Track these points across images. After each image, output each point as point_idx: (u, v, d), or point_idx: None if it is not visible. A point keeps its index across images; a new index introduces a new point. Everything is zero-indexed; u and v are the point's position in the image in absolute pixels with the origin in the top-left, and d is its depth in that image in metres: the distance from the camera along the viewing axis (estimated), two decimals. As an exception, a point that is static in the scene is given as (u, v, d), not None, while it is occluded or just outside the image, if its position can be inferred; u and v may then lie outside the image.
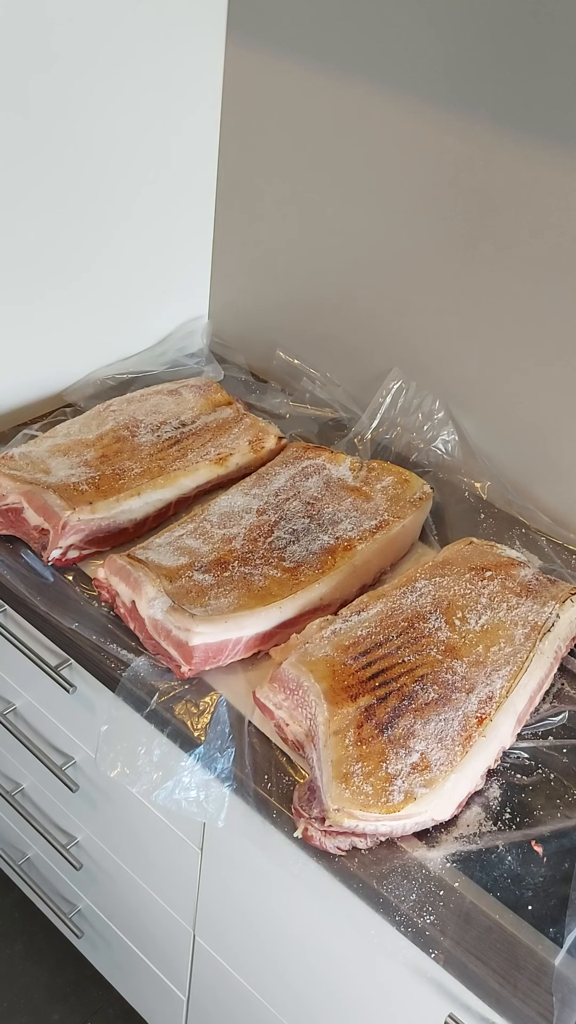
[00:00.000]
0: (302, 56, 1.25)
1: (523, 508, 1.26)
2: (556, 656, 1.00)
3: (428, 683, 0.92)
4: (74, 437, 1.21)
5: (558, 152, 1.06)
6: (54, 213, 1.24)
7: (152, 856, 1.17)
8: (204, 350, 1.54)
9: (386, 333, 1.35)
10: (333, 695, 0.90)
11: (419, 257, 1.26)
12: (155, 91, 1.27)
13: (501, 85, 1.07)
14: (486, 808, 0.88)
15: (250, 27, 1.29)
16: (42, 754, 1.21)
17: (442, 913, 0.79)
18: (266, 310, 1.50)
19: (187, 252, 1.49)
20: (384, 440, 1.35)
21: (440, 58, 1.11)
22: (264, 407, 1.41)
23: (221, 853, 1.03)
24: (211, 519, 1.10)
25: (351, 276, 1.35)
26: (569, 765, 0.93)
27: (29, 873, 1.48)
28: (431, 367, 1.32)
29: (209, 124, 1.39)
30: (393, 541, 1.11)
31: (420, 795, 0.82)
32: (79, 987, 1.56)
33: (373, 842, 0.83)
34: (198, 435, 1.25)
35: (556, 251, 1.11)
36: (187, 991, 1.27)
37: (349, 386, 1.43)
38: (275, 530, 1.08)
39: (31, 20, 1.09)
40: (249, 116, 1.36)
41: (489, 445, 1.30)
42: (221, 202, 1.47)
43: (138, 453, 1.19)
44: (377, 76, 1.18)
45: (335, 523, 1.10)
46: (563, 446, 1.22)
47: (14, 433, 1.28)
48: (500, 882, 0.82)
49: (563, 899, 0.81)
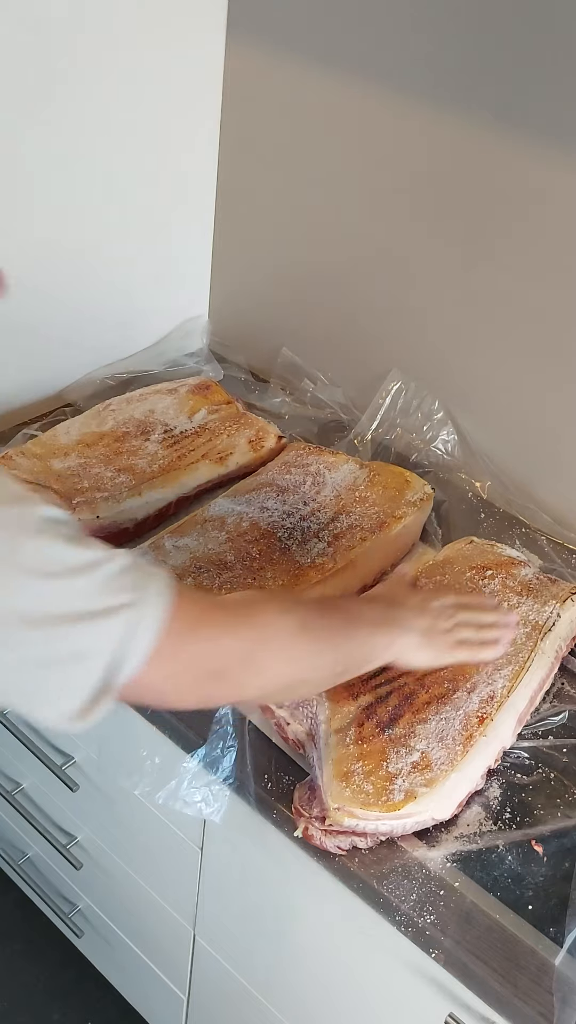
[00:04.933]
0: (302, 56, 1.25)
1: (523, 507, 1.26)
2: (557, 655, 1.00)
3: (429, 682, 0.92)
4: (74, 437, 1.21)
5: (559, 152, 1.06)
6: (55, 212, 1.24)
7: (152, 856, 1.17)
8: (204, 349, 1.54)
9: (386, 333, 1.35)
10: (334, 693, 0.90)
11: (419, 257, 1.26)
12: (155, 91, 1.27)
13: (502, 85, 1.07)
14: (486, 807, 0.88)
15: (250, 27, 1.29)
16: (42, 754, 1.20)
17: (442, 913, 0.79)
18: (266, 309, 1.50)
19: (187, 252, 1.49)
20: (384, 441, 1.35)
21: (440, 58, 1.11)
22: (264, 407, 1.41)
23: (221, 853, 1.03)
24: (211, 520, 1.10)
25: (351, 276, 1.35)
26: (569, 765, 0.93)
27: (29, 873, 1.48)
28: (431, 367, 1.31)
29: (209, 124, 1.39)
30: (394, 541, 1.11)
31: (421, 794, 0.82)
32: (79, 987, 1.56)
33: (373, 841, 0.83)
34: (198, 434, 1.25)
35: (556, 251, 1.11)
36: (187, 991, 1.27)
37: (349, 386, 1.42)
38: (275, 531, 1.08)
39: (30, 20, 1.09)
40: (249, 116, 1.36)
41: (489, 445, 1.30)
42: (221, 202, 1.47)
43: (138, 453, 1.19)
44: (377, 76, 1.18)
45: (335, 524, 1.10)
46: (563, 445, 1.22)
47: (14, 433, 1.28)
48: (500, 882, 0.82)
49: (563, 899, 0.81)
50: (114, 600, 0.60)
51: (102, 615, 0.59)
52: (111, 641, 0.60)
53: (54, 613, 0.58)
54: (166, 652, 0.62)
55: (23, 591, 0.57)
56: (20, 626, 0.57)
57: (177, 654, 0.63)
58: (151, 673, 0.62)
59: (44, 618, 0.58)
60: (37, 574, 0.58)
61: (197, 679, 0.67)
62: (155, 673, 0.62)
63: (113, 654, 0.60)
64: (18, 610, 0.57)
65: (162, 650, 0.61)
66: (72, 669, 0.59)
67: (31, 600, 0.57)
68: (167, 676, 0.64)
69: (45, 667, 0.59)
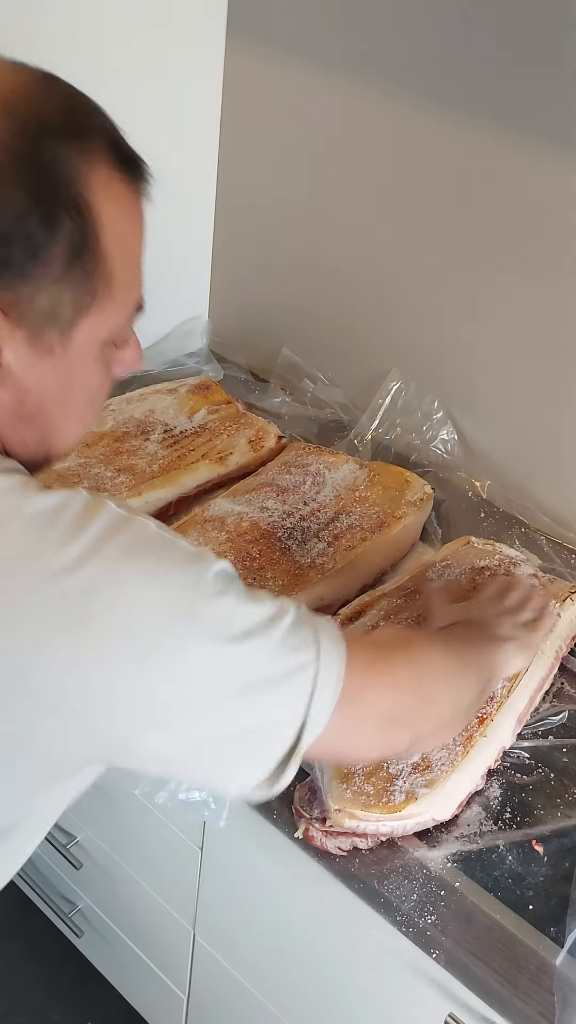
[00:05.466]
0: (302, 56, 1.25)
1: (523, 507, 1.26)
2: (556, 655, 1.00)
3: (429, 683, 0.92)
4: (74, 437, 1.21)
5: (559, 152, 1.05)
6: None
7: (152, 855, 1.17)
8: (204, 349, 1.53)
9: (385, 333, 1.35)
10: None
11: (419, 257, 1.26)
12: (155, 91, 1.27)
13: (502, 85, 1.07)
14: (486, 808, 0.88)
15: (250, 27, 1.29)
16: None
17: (443, 913, 0.79)
18: (266, 309, 1.50)
19: (187, 251, 1.49)
20: (384, 440, 1.35)
21: (440, 58, 1.11)
22: (264, 407, 1.41)
23: (221, 853, 1.03)
24: (211, 520, 1.10)
25: (350, 276, 1.35)
26: (569, 765, 0.93)
27: (29, 873, 1.48)
28: (431, 367, 1.31)
29: (209, 124, 1.39)
30: (394, 541, 1.11)
31: (421, 795, 0.82)
32: (79, 986, 1.56)
33: (374, 842, 0.83)
34: (198, 434, 1.24)
35: (556, 251, 1.11)
36: (187, 991, 1.27)
37: (349, 386, 1.42)
38: (275, 531, 1.08)
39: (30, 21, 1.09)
40: (249, 116, 1.36)
41: (489, 444, 1.30)
42: (221, 202, 1.47)
43: (138, 452, 1.19)
44: (377, 76, 1.18)
45: (335, 524, 1.10)
46: (563, 445, 1.22)
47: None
48: (501, 882, 0.82)
49: (564, 899, 0.81)
50: (297, 659, 0.58)
51: (289, 676, 0.57)
52: (302, 703, 0.58)
53: (245, 681, 0.56)
54: (347, 705, 0.60)
55: (211, 659, 0.55)
56: (212, 699, 0.55)
57: (356, 704, 0.62)
58: (335, 728, 0.60)
59: (236, 688, 0.55)
60: (223, 639, 0.55)
61: (378, 726, 0.66)
62: (339, 727, 0.60)
63: (304, 716, 0.58)
64: (209, 682, 0.55)
65: (344, 703, 0.60)
66: (264, 738, 0.58)
67: (221, 670, 0.55)
68: (351, 729, 0.63)
69: (237, 740, 0.57)
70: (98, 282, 0.58)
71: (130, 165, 0.61)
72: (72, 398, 0.63)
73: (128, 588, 0.54)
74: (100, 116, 0.61)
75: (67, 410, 0.63)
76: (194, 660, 0.54)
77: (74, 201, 0.55)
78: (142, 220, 0.63)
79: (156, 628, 0.54)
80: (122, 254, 0.59)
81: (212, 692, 0.55)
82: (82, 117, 0.59)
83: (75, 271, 0.56)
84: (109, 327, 0.61)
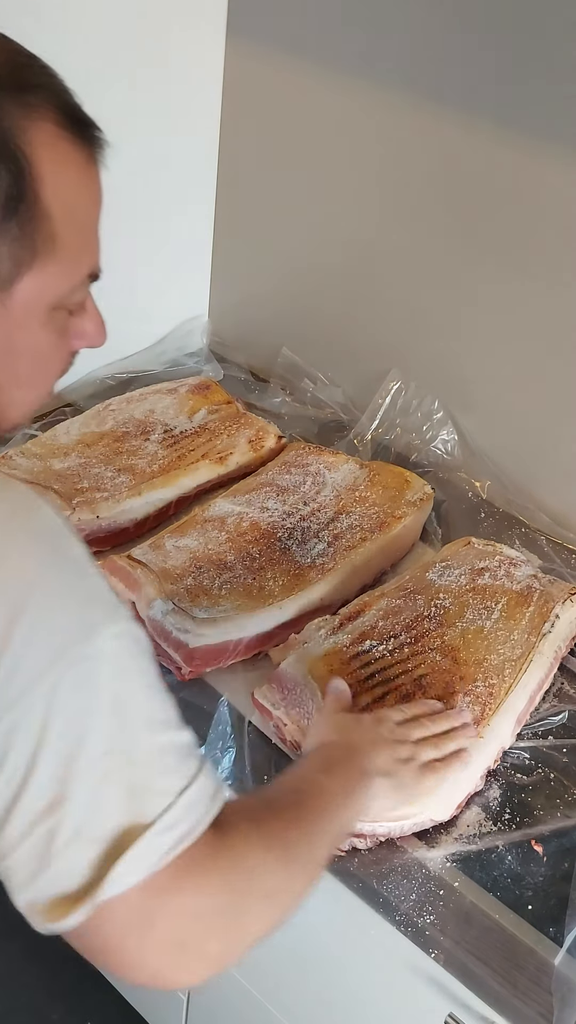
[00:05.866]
0: (302, 56, 1.25)
1: (523, 507, 1.26)
2: (556, 656, 1.00)
3: (427, 683, 0.92)
4: (74, 436, 1.21)
5: (559, 152, 1.05)
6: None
7: (152, 856, 1.17)
8: (204, 349, 1.54)
9: (385, 333, 1.35)
10: (333, 695, 0.89)
11: (419, 257, 1.26)
12: (155, 91, 1.27)
13: (502, 85, 1.07)
14: (486, 808, 0.88)
15: (250, 27, 1.29)
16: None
17: (442, 913, 0.79)
18: (266, 309, 1.50)
19: (187, 251, 1.49)
20: (384, 440, 1.35)
21: (440, 58, 1.11)
22: (264, 407, 1.41)
23: (221, 853, 1.03)
24: (211, 520, 1.10)
25: (351, 276, 1.35)
26: (569, 765, 0.93)
27: (29, 873, 1.48)
28: (431, 367, 1.31)
29: (209, 124, 1.39)
30: (394, 541, 1.11)
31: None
32: (79, 987, 1.56)
33: (373, 842, 0.83)
34: (198, 434, 1.24)
35: (556, 251, 1.11)
36: (187, 991, 1.27)
37: (349, 386, 1.42)
38: (275, 531, 1.08)
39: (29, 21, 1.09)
40: (249, 116, 1.36)
41: (489, 445, 1.30)
42: (221, 201, 1.47)
43: (138, 452, 1.19)
44: (377, 77, 1.18)
45: (335, 524, 1.10)
46: (563, 445, 1.22)
47: (14, 432, 1.28)
48: (500, 882, 0.82)
49: (563, 899, 0.81)
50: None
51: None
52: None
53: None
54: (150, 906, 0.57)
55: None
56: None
57: (156, 921, 0.58)
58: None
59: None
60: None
61: (166, 946, 0.59)
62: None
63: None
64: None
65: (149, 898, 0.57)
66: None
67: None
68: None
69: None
70: (39, 240, 0.57)
71: (79, 127, 0.60)
72: (17, 361, 0.61)
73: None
74: (48, 76, 0.61)
75: (13, 374, 0.62)
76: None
77: (13, 154, 0.54)
78: (96, 185, 0.63)
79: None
80: (68, 215, 0.58)
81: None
82: (26, 74, 0.59)
83: (10, 224, 0.55)
84: (55, 290, 0.60)
